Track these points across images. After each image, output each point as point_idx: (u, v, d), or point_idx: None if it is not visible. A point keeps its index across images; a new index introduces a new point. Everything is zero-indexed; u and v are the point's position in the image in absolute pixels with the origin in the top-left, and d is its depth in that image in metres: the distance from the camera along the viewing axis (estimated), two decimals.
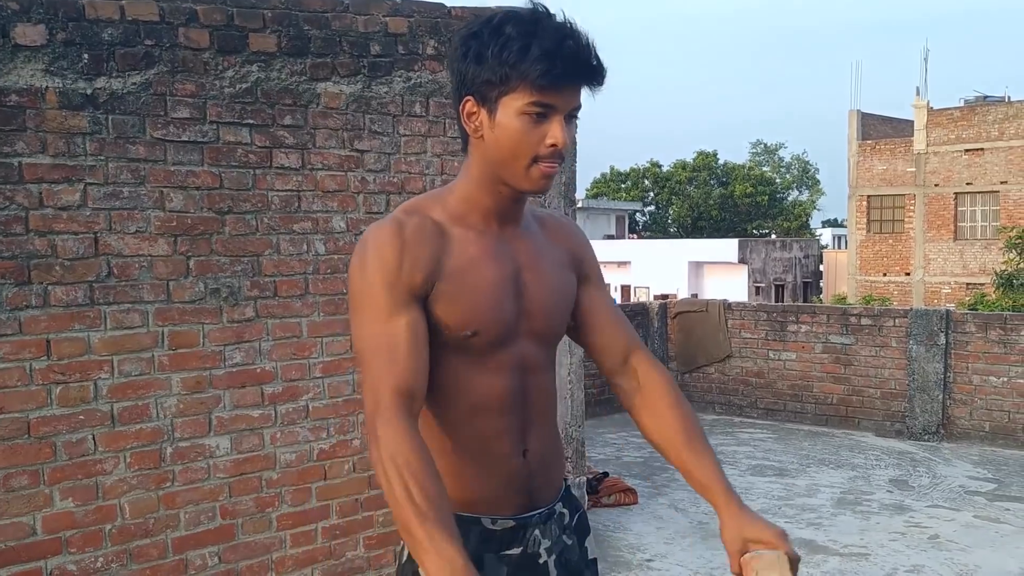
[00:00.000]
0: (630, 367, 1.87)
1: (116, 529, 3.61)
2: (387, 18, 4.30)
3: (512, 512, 1.74)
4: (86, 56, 3.48)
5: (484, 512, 1.72)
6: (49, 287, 3.42)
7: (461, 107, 1.64)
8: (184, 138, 3.72)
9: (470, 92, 1.62)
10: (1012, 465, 7.52)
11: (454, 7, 4.57)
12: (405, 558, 1.73)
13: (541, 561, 1.76)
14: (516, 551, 1.73)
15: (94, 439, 3.55)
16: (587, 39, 1.59)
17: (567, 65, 1.55)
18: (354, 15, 4.19)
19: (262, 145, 3.93)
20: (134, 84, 3.60)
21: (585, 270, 1.88)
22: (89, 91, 3.49)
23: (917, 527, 5.85)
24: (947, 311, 8.56)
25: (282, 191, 4.00)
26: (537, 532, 1.76)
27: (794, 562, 1.60)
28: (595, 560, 1.92)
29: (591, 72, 1.60)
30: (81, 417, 3.52)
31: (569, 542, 1.84)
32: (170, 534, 3.75)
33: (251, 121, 3.89)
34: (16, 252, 3.35)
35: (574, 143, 1.71)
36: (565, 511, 1.84)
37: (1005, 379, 8.14)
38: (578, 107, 1.63)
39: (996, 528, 5.83)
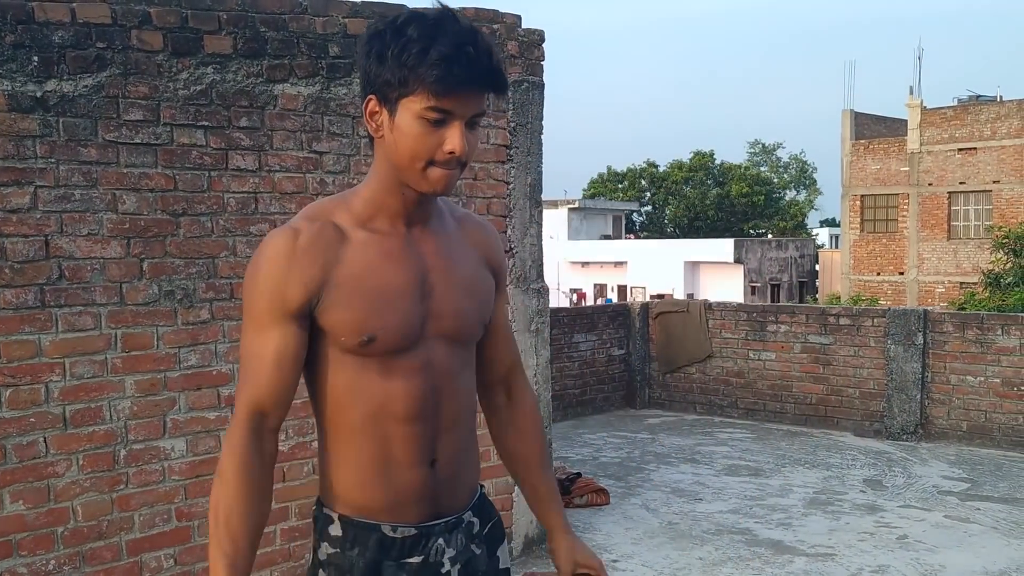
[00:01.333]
0: (507, 383, 1.96)
1: (68, 532, 3.61)
2: (346, 19, 4.30)
3: (415, 520, 1.72)
4: (36, 59, 3.48)
5: (384, 519, 1.70)
6: None
7: (365, 106, 1.63)
8: (137, 140, 3.73)
9: (373, 91, 1.60)
10: (987, 465, 7.52)
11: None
12: (309, 562, 1.74)
13: (444, 570, 1.74)
14: (417, 560, 1.72)
15: (45, 441, 3.55)
16: (487, 45, 1.58)
17: (464, 71, 1.53)
18: (312, 16, 4.19)
19: (217, 147, 3.93)
20: (85, 87, 3.60)
21: (498, 279, 1.87)
22: (39, 94, 3.49)
23: (886, 527, 5.85)
24: (924, 311, 8.57)
25: (238, 193, 4.00)
26: (441, 541, 1.74)
27: None
28: (507, 570, 1.90)
29: (489, 78, 1.58)
30: (32, 419, 3.52)
31: (478, 552, 1.81)
32: (124, 536, 3.75)
33: (206, 123, 3.89)
34: None
35: (475, 150, 1.69)
36: (475, 520, 1.82)
37: (982, 379, 8.14)
38: (481, 112, 1.61)
39: (965, 528, 5.83)
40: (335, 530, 1.71)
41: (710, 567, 5.10)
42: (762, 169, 63.46)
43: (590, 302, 35.44)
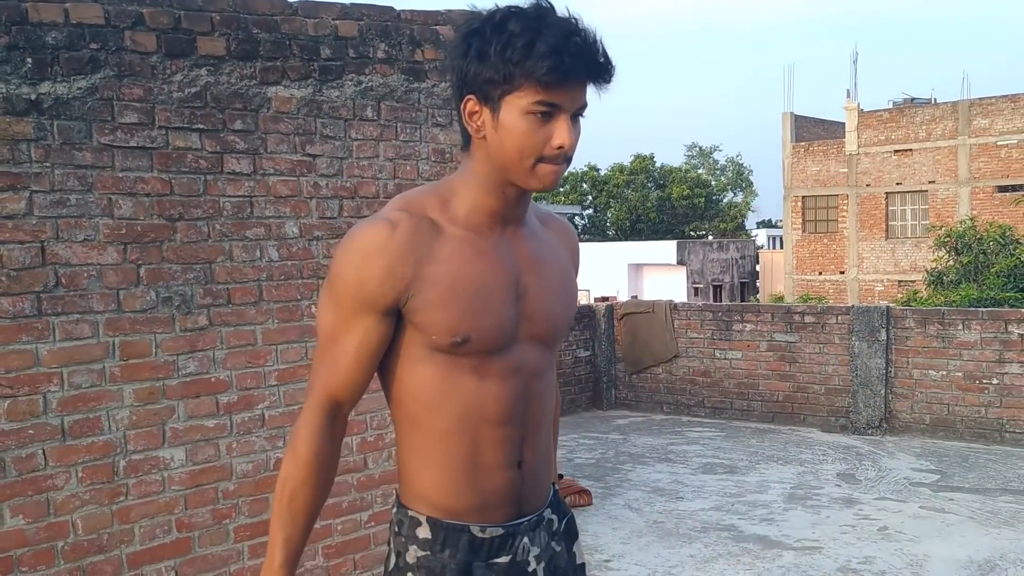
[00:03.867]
0: None
1: (69, 546, 3.51)
2: (337, 21, 4.25)
3: (501, 520, 1.70)
4: (29, 60, 3.38)
5: (473, 520, 1.68)
6: None
7: (462, 106, 1.58)
8: (132, 144, 3.64)
9: (472, 91, 1.56)
10: (953, 456, 7.70)
11: (403, 10, 4.54)
12: (393, 565, 1.71)
13: (530, 569, 1.73)
14: (505, 559, 1.70)
15: (44, 454, 3.45)
16: (594, 35, 1.54)
17: (574, 62, 1.50)
18: (303, 18, 4.14)
19: (212, 150, 3.86)
20: (79, 89, 3.51)
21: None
22: (33, 96, 3.40)
23: (867, 519, 5.95)
24: (888, 307, 8.76)
25: (234, 197, 3.93)
26: (526, 540, 1.72)
27: None
28: (583, 565, 1.90)
29: (599, 69, 1.54)
30: (31, 431, 3.41)
31: (558, 548, 1.80)
32: (125, 549, 3.65)
33: (201, 126, 3.82)
34: None
35: (578, 142, 1.67)
36: (554, 517, 1.81)
37: (944, 372, 8.33)
38: (584, 106, 1.57)
39: (942, 518, 5.96)
40: (424, 532, 1.68)
41: (702, 564, 5.14)
42: (700, 172, 64.29)
43: None
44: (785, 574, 4.97)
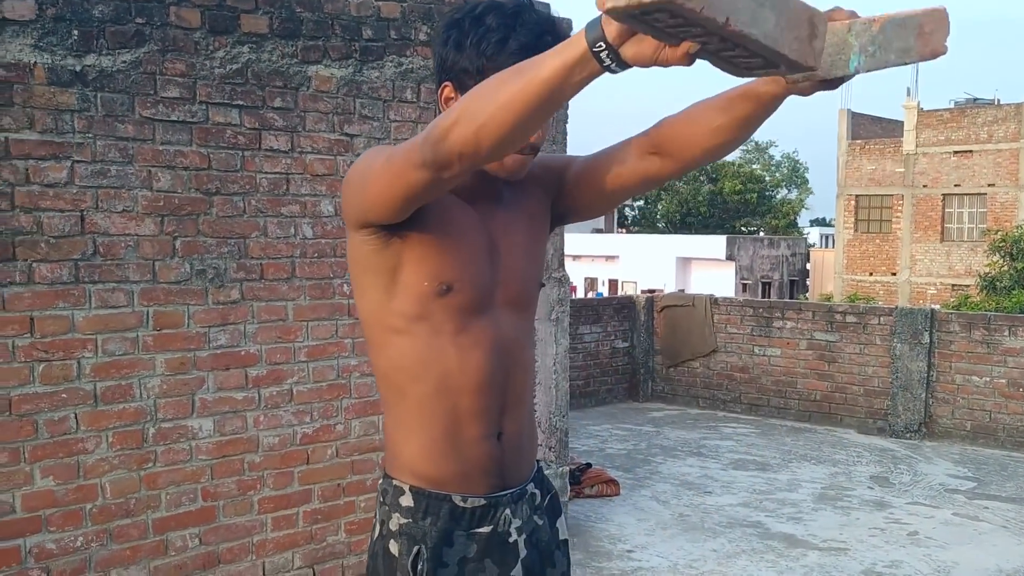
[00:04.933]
0: (641, 154, 1.70)
1: (97, 508, 3.60)
2: (380, 2, 4.28)
3: (483, 491, 1.73)
4: (76, 32, 3.45)
5: (454, 490, 1.71)
6: (34, 264, 3.40)
7: (440, 91, 1.66)
8: (173, 118, 3.70)
9: (449, 78, 1.64)
10: (992, 464, 7.57)
11: None
12: (377, 534, 1.74)
13: (511, 540, 1.76)
14: (486, 529, 1.73)
15: (76, 418, 3.54)
16: (565, 36, 1.57)
17: None
18: None
19: (251, 127, 3.91)
20: (124, 62, 3.57)
21: (561, 170, 1.79)
22: (78, 68, 3.47)
23: (897, 523, 5.88)
24: (932, 310, 8.61)
25: (270, 174, 3.99)
26: (508, 511, 1.75)
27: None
28: (566, 541, 1.92)
29: None
30: (64, 395, 3.50)
31: (540, 522, 1.84)
32: (151, 515, 3.74)
33: (241, 102, 3.88)
34: (1, 228, 3.33)
35: (547, 133, 1.69)
36: (537, 492, 1.84)
37: (987, 379, 8.18)
38: None
39: (975, 526, 5.87)
40: (406, 501, 1.72)
41: (725, 559, 5.12)
42: (755, 167, 63.59)
43: (580, 295, 35.49)
44: (808, 574, 4.94)
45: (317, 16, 4.07)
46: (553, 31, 1.58)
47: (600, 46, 1.18)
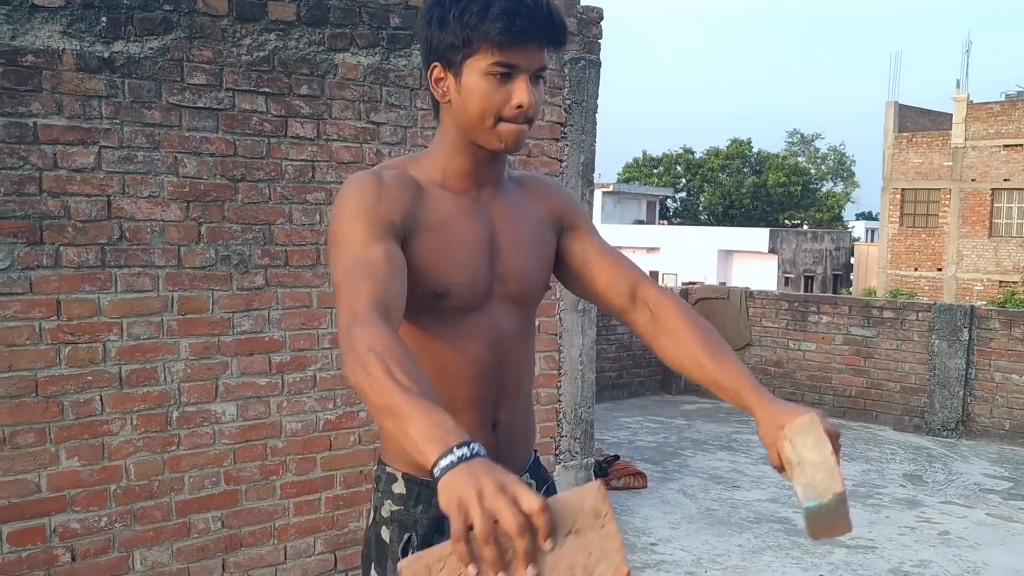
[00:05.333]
0: (639, 300, 1.82)
1: (121, 490, 3.65)
2: None
3: None
4: (104, 19, 3.49)
5: None
6: (61, 248, 3.45)
7: (429, 73, 1.65)
8: (200, 104, 3.73)
9: (436, 58, 1.63)
10: None
11: None
12: (371, 520, 1.74)
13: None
14: None
15: (101, 400, 3.59)
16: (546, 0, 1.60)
17: (525, 23, 1.56)
18: None
19: (277, 114, 3.94)
20: (151, 49, 3.61)
21: (571, 221, 1.85)
22: (106, 54, 3.51)
23: (928, 522, 5.79)
24: (971, 307, 8.46)
25: (296, 161, 4.01)
26: None
27: (832, 435, 1.49)
28: None
29: (550, 29, 1.60)
30: (89, 378, 3.55)
31: None
32: (174, 497, 3.78)
33: (267, 90, 3.90)
34: (29, 212, 3.38)
35: (542, 104, 1.69)
36: (532, 482, 1.84)
37: None
38: (543, 67, 1.63)
39: (1008, 527, 5.77)
40: (399, 488, 1.72)
41: (749, 554, 5.08)
42: (800, 159, 62.88)
43: None
44: (833, 571, 4.88)
45: (344, 4, 4.08)
46: None
47: (433, 472, 1.22)
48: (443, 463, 1.19)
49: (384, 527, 1.71)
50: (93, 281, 3.54)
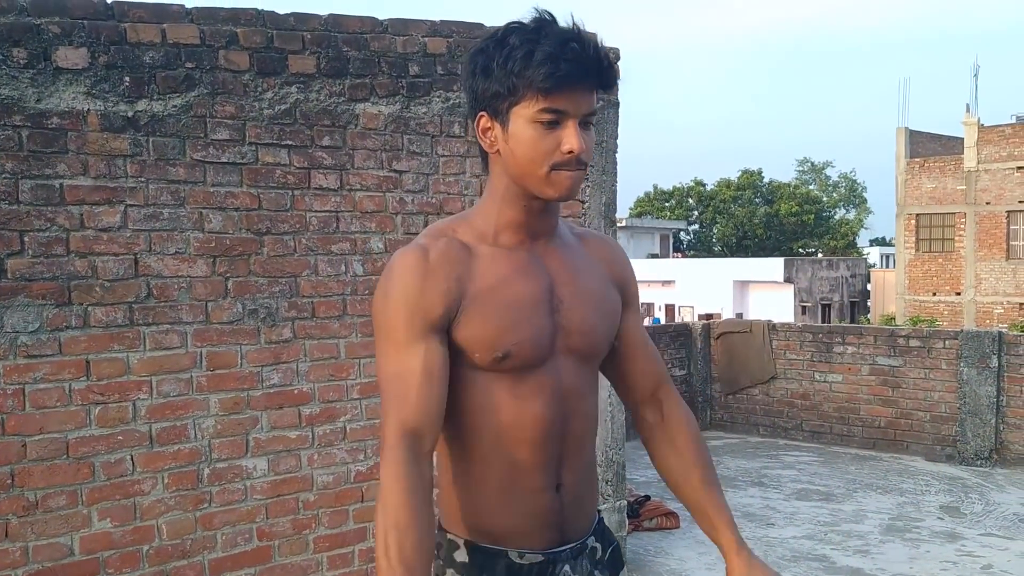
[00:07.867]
0: (657, 400, 1.86)
1: (153, 550, 3.61)
2: (426, 38, 4.29)
3: (541, 546, 1.67)
4: (127, 79, 3.51)
5: (511, 545, 1.65)
6: (89, 308, 3.44)
7: (476, 124, 1.62)
8: (223, 159, 3.74)
9: (482, 108, 1.60)
10: None
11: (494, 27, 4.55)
12: None
13: None
14: None
15: (132, 459, 3.56)
16: (593, 41, 1.56)
17: (571, 67, 1.51)
18: (393, 36, 4.19)
19: (300, 166, 3.94)
20: (175, 106, 3.62)
21: (627, 295, 1.82)
22: (130, 113, 3.52)
23: (969, 556, 5.68)
24: (1000, 333, 8.36)
25: (320, 212, 4.00)
26: (567, 568, 1.69)
27: None
28: None
29: (598, 72, 1.55)
30: (120, 437, 3.53)
31: None
32: (207, 555, 3.74)
33: (290, 142, 3.90)
34: (57, 273, 3.38)
35: (593, 151, 1.66)
36: (598, 545, 1.78)
37: None
38: (592, 112, 1.59)
39: None
40: (461, 556, 1.67)
41: None
42: (811, 188, 62.85)
43: None
44: None
45: (364, 54, 4.09)
46: (579, 39, 1.53)
47: None
48: None
49: None
50: (122, 340, 3.53)
